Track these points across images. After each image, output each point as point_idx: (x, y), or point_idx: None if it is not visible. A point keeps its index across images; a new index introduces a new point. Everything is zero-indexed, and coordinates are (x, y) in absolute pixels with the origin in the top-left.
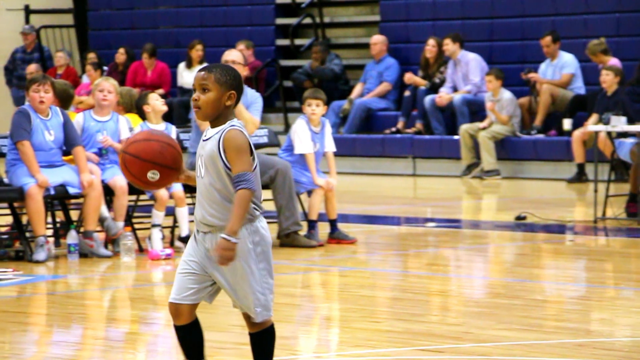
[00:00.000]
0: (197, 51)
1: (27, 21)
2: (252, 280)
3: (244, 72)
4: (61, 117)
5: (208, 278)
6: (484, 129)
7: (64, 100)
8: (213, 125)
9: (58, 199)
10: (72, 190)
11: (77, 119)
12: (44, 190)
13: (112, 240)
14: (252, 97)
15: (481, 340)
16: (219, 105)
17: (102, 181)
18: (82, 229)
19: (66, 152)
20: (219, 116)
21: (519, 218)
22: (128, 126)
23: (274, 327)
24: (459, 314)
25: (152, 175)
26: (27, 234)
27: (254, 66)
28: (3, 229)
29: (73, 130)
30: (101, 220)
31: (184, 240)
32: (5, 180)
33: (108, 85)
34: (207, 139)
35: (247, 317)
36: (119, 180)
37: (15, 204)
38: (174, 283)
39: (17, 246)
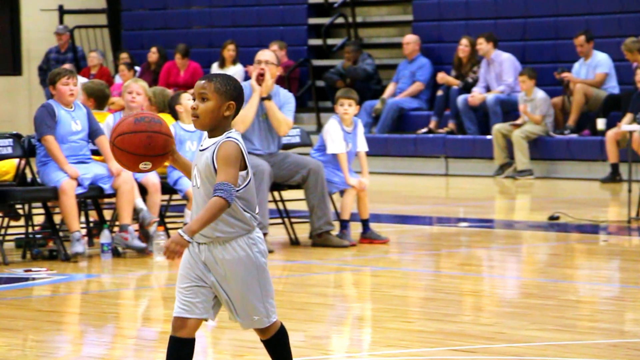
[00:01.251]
0: (229, 51)
1: (61, 21)
2: (254, 292)
3: (277, 72)
4: (84, 109)
5: (211, 290)
6: (518, 126)
7: (100, 100)
8: (210, 135)
9: (92, 198)
10: (105, 186)
11: (108, 120)
12: (77, 186)
13: (145, 238)
14: (285, 98)
15: (514, 341)
16: (217, 115)
17: (135, 180)
18: (117, 224)
19: (95, 152)
20: (217, 126)
21: (552, 218)
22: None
23: (284, 326)
24: (492, 314)
25: (144, 165)
26: (60, 234)
27: (286, 66)
28: (36, 229)
29: (95, 121)
30: (136, 212)
31: None
32: (39, 180)
33: (137, 87)
34: (203, 149)
35: (257, 331)
36: (151, 177)
37: (49, 204)
38: (177, 298)
39: (50, 245)
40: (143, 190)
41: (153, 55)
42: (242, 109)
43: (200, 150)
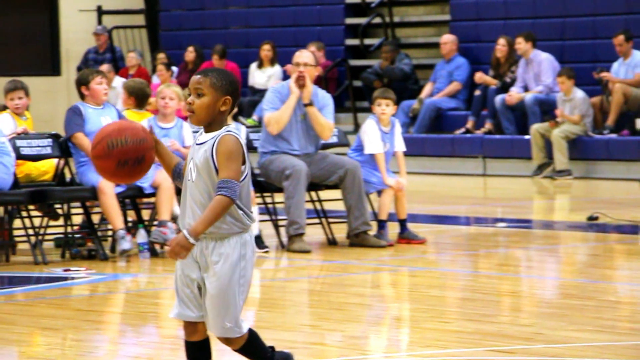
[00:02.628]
0: (265, 51)
1: (99, 22)
2: (232, 295)
3: (315, 73)
4: (113, 108)
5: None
6: (556, 123)
7: (140, 98)
8: (207, 130)
9: (131, 197)
10: (144, 184)
11: (144, 123)
12: (115, 185)
13: None
14: (324, 99)
15: (553, 342)
16: (213, 110)
17: None
18: (155, 223)
19: None
20: (213, 121)
21: (591, 218)
22: (193, 130)
23: (252, 332)
24: (530, 314)
25: None
26: (99, 233)
27: (323, 66)
28: (75, 228)
29: (125, 118)
30: (174, 219)
31: (254, 239)
32: (78, 180)
33: (169, 92)
34: (200, 144)
35: (223, 340)
36: None
37: (88, 203)
38: (177, 298)
39: (89, 245)
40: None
41: (190, 54)
42: (279, 110)
43: (197, 144)
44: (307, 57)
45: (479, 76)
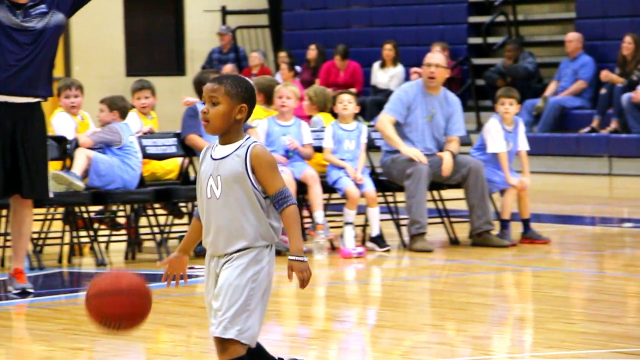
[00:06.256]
0: (386, 50)
1: (223, 22)
2: (237, 289)
3: (445, 75)
4: None
5: None
6: None
7: (269, 95)
8: (223, 142)
9: None
10: None
11: (262, 124)
12: None
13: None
14: (453, 105)
15: None
16: (228, 119)
17: (295, 179)
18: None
19: None
20: (229, 131)
21: None
22: (320, 125)
23: None
24: None
25: None
26: None
27: None
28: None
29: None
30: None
31: (375, 240)
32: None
33: (287, 92)
34: (219, 158)
35: (218, 345)
36: (308, 172)
37: None
38: (210, 316)
39: None
40: (303, 190)
41: (312, 52)
42: (390, 134)
43: (216, 159)
44: (439, 58)
45: (605, 74)
